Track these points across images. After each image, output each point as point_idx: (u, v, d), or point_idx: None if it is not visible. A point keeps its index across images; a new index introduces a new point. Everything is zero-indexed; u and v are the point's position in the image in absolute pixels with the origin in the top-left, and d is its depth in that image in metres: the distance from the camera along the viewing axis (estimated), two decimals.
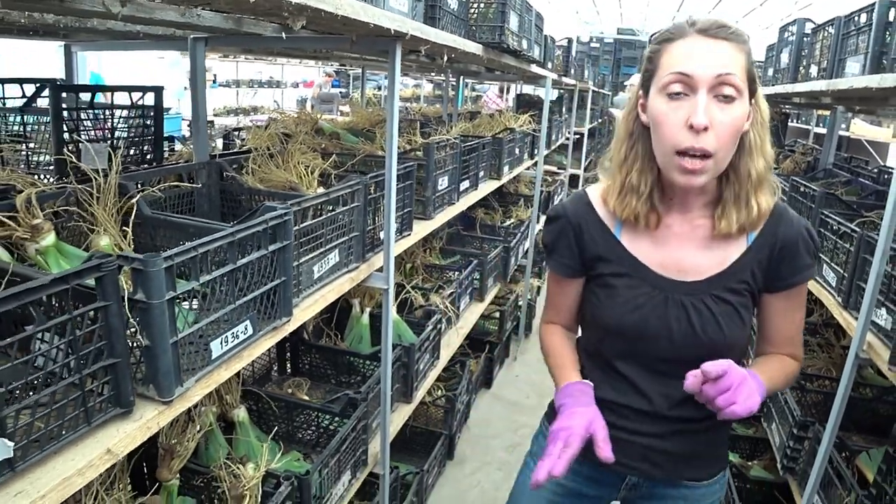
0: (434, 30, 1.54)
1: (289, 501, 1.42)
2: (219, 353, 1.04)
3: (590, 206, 1.17)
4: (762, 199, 1.07)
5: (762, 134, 1.07)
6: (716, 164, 1.00)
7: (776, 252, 1.10)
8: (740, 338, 1.10)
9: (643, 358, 1.14)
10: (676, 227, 1.12)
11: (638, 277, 1.12)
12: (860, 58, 2.17)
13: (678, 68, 0.98)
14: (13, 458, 0.75)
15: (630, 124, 1.12)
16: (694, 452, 1.19)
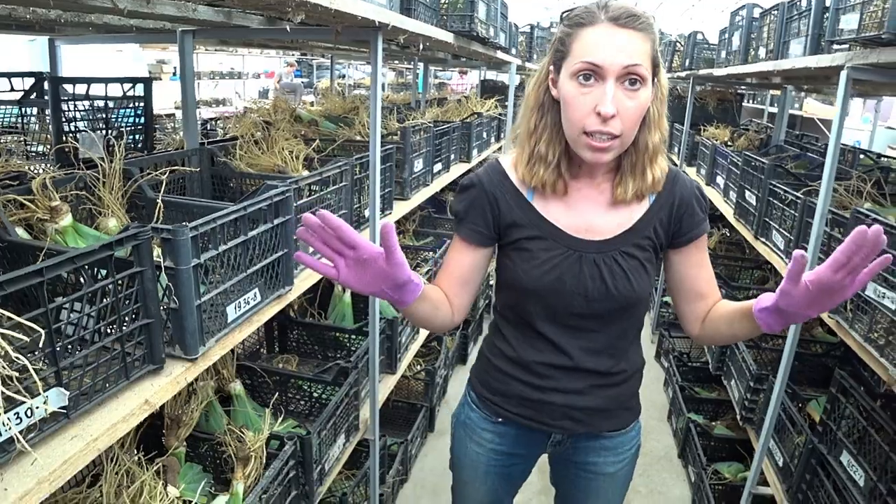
0: (412, 20, 1.65)
1: (292, 461, 1.54)
2: (233, 316, 1.16)
3: (503, 174, 1.20)
4: (657, 167, 1.15)
5: (660, 109, 1.13)
6: (622, 143, 1.06)
7: (675, 210, 1.18)
8: (646, 290, 1.18)
9: (560, 315, 1.18)
10: (584, 191, 1.18)
11: (552, 240, 1.17)
12: (802, 40, 2.35)
13: (588, 58, 1.02)
14: (67, 406, 0.86)
15: (540, 96, 1.15)
16: (609, 406, 1.26)
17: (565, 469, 1.39)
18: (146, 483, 1.26)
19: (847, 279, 0.89)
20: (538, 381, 1.23)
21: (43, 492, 0.78)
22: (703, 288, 1.22)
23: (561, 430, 1.28)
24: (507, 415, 1.29)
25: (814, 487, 1.76)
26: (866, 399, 1.56)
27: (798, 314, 0.98)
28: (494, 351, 1.30)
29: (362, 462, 2.33)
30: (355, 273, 0.98)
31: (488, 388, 1.31)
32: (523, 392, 1.25)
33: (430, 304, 1.15)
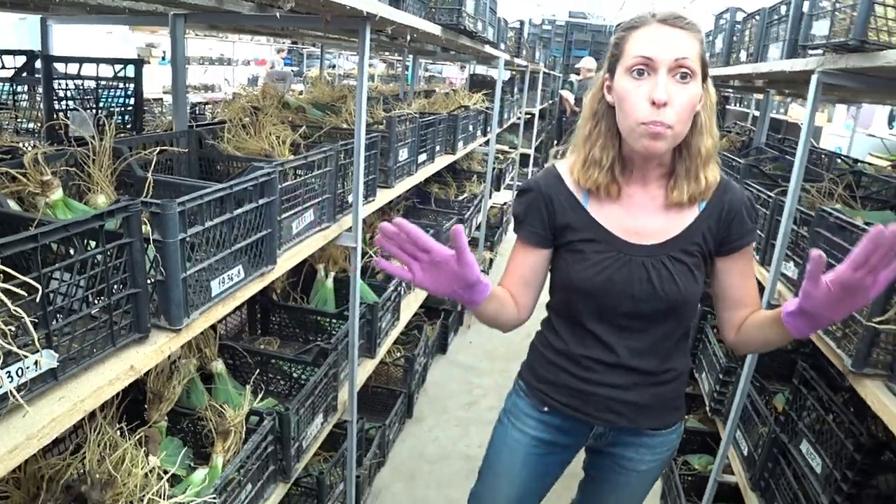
0: (400, 12, 1.69)
1: (270, 436, 1.58)
2: (217, 291, 1.20)
3: (559, 178, 1.28)
4: (710, 173, 1.21)
5: (710, 116, 1.20)
6: (674, 135, 1.11)
7: (724, 217, 1.23)
8: (694, 293, 1.23)
9: (608, 315, 1.25)
10: (637, 197, 1.24)
11: (604, 242, 1.23)
12: (780, 44, 2.42)
13: (642, 52, 1.10)
14: (56, 368, 0.90)
15: (595, 104, 1.23)
16: (653, 403, 1.31)
17: (600, 458, 1.44)
18: (128, 451, 1.30)
19: (868, 278, 0.91)
20: (585, 373, 1.30)
21: (31, 447, 0.82)
22: (745, 298, 1.27)
23: (604, 423, 1.33)
24: (554, 403, 1.35)
25: (775, 475, 1.83)
26: (825, 390, 1.64)
27: (823, 316, 1.01)
28: (545, 343, 1.37)
29: (340, 445, 2.38)
30: (430, 275, 1.06)
31: (536, 376, 1.38)
32: (570, 382, 1.32)
33: (497, 303, 1.23)
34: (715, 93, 1.21)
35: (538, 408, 1.38)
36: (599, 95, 1.22)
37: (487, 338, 4.27)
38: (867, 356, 1.30)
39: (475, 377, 3.78)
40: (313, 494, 2.14)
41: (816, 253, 0.93)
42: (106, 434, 1.35)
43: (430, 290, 1.09)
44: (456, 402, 3.48)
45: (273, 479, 1.63)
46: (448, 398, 3.52)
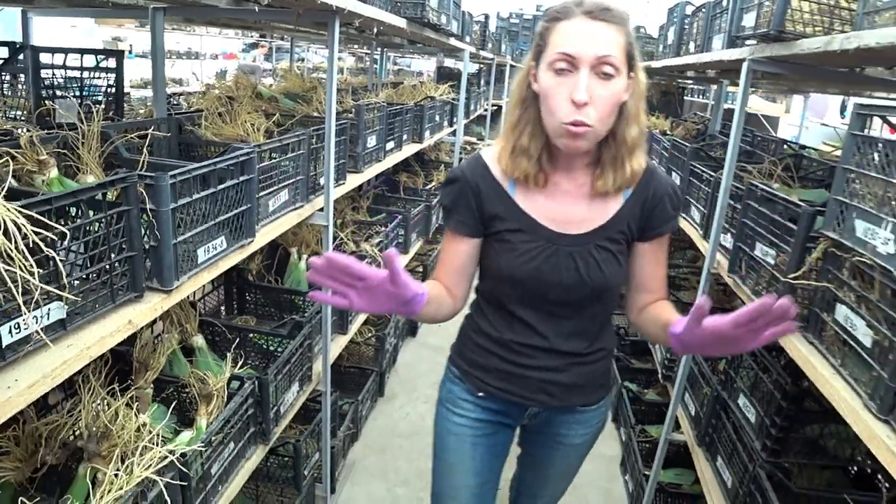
0: (366, 6, 1.82)
1: (251, 399, 1.70)
2: (203, 258, 1.32)
3: (486, 167, 1.26)
4: (636, 161, 1.21)
5: (639, 104, 1.19)
6: (595, 133, 1.12)
7: (648, 205, 1.24)
8: (619, 279, 1.27)
9: (537, 302, 1.26)
10: (563, 186, 1.24)
11: (531, 232, 1.23)
12: (722, 36, 2.59)
13: (563, 49, 1.08)
14: (64, 319, 1.01)
15: (523, 91, 1.21)
16: (583, 382, 1.35)
17: (535, 436, 1.48)
18: (120, 409, 1.41)
19: (748, 336, 0.94)
20: (517, 358, 1.31)
21: (45, 385, 0.94)
22: (653, 284, 1.31)
23: (538, 404, 1.36)
24: (488, 388, 1.36)
25: (718, 430, 2.00)
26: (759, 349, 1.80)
27: (697, 349, 1.08)
28: (476, 328, 1.38)
29: (313, 416, 2.50)
30: (367, 299, 1.03)
31: (469, 362, 1.39)
32: (502, 367, 1.33)
33: (435, 304, 1.24)
34: (645, 80, 1.20)
35: (473, 393, 1.39)
36: (526, 83, 1.21)
37: (456, 320, 4.40)
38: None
39: (445, 357, 3.91)
40: (290, 465, 2.26)
41: (703, 300, 0.95)
42: (99, 395, 1.46)
43: (370, 311, 1.07)
44: (426, 381, 3.62)
45: (253, 440, 1.75)
46: (418, 378, 3.66)
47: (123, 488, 1.17)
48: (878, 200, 1.18)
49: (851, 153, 1.30)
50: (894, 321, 1.08)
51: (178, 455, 1.28)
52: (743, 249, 1.77)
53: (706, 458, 2.02)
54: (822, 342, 1.35)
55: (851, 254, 1.25)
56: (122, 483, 1.18)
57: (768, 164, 2.47)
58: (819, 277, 1.39)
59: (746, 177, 2.23)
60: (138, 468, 1.21)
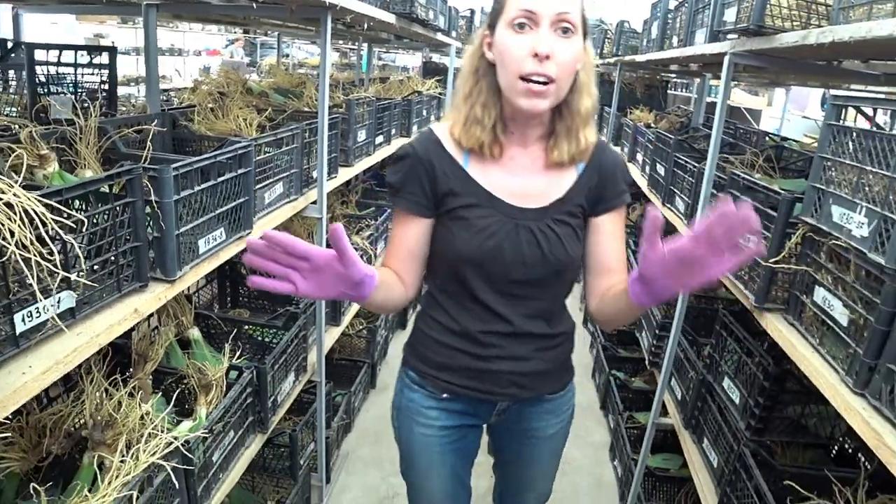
0: (357, 1, 1.85)
1: (249, 388, 1.74)
2: (204, 249, 1.35)
3: (438, 142, 1.21)
4: (588, 133, 1.21)
5: (589, 76, 1.20)
6: (557, 90, 1.10)
7: (601, 178, 1.23)
8: (578, 255, 1.24)
9: (499, 282, 1.20)
10: (519, 159, 1.21)
11: (489, 207, 1.18)
12: (704, 30, 2.65)
13: (524, 5, 1.08)
14: (73, 308, 1.04)
15: (476, 62, 1.19)
16: (551, 368, 1.32)
17: (509, 436, 1.41)
18: (123, 399, 1.44)
19: (710, 257, 0.86)
20: (483, 350, 1.25)
21: (58, 371, 0.97)
22: (612, 262, 1.25)
23: (508, 398, 1.30)
24: (454, 389, 1.28)
25: (703, 413, 2.06)
26: (741, 330, 1.87)
27: (660, 284, 0.96)
28: (433, 325, 1.29)
29: (307, 409, 2.53)
30: (313, 282, 0.95)
31: (430, 363, 1.30)
32: (469, 363, 1.26)
33: (385, 289, 1.15)
34: (594, 55, 1.22)
35: (436, 396, 1.31)
36: (479, 53, 1.19)
37: None
38: (767, 293, 1.53)
39: None
40: (286, 455, 2.30)
41: (653, 214, 0.89)
42: (101, 385, 1.49)
43: (316, 296, 0.99)
44: None
45: (252, 429, 1.79)
46: None
47: (130, 474, 1.20)
48: (853, 187, 1.24)
49: (827, 142, 1.35)
50: (868, 300, 1.14)
51: (182, 441, 1.32)
52: None
53: (693, 441, 2.08)
54: (802, 323, 1.41)
55: (828, 238, 1.31)
56: (129, 469, 1.21)
57: (750, 155, 2.54)
58: (798, 261, 1.45)
59: (729, 167, 2.29)
60: (144, 454, 1.25)
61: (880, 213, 1.12)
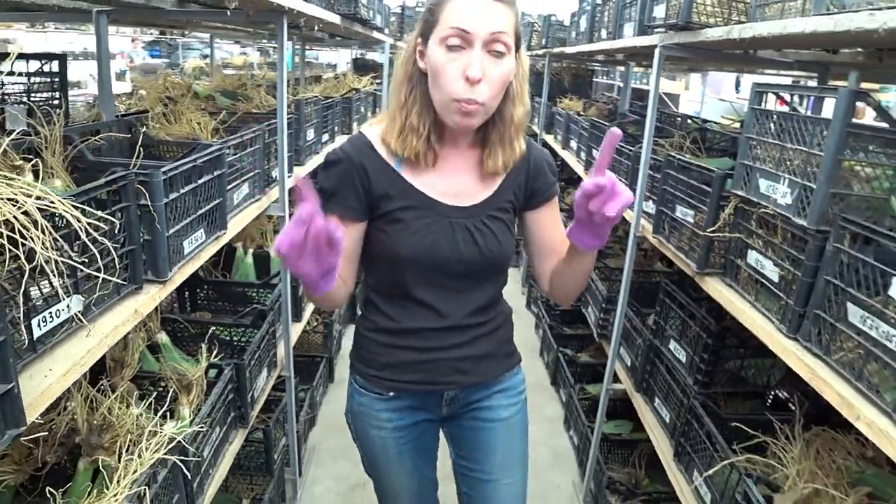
0: (310, 5, 1.91)
1: (230, 384, 1.79)
2: (188, 250, 1.40)
3: (370, 146, 1.22)
4: (521, 140, 1.25)
5: (523, 85, 1.21)
6: (486, 108, 1.13)
7: (530, 174, 1.29)
8: (511, 249, 1.30)
9: (437, 279, 1.23)
10: (451, 159, 1.24)
11: (424, 208, 1.20)
12: (633, 24, 2.83)
13: (457, 24, 1.06)
14: (82, 311, 1.09)
15: (409, 69, 1.18)
16: (492, 350, 1.35)
17: (460, 426, 1.42)
18: (114, 403, 1.47)
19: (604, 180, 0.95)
20: (424, 343, 1.28)
21: (77, 372, 1.02)
22: (556, 245, 1.32)
23: (453, 386, 1.33)
24: (399, 385, 1.32)
25: (653, 375, 2.24)
26: (682, 296, 2.05)
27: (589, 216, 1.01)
28: (374, 327, 1.32)
29: (274, 409, 2.58)
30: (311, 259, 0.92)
31: (374, 364, 1.33)
32: (412, 357, 1.29)
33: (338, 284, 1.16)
34: (528, 62, 1.24)
35: (384, 396, 1.33)
36: (412, 60, 1.18)
37: None
38: (706, 260, 1.70)
39: None
40: (258, 453, 2.35)
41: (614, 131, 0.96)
42: (88, 392, 1.51)
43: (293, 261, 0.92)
44: None
45: (234, 424, 1.84)
46: None
47: (138, 471, 1.25)
48: (776, 162, 1.42)
49: (752, 124, 1.53)
50: (794, 258, 1.32)
51: (181, 437, 1.37)
52: (665, 212, 2.00)
53: (645, 402, 2.26)
54: (738, 283, 1.59)
55: (757, 207, 1.48)
56: (136, 466, 1.26)
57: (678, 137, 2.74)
58: (732, 230, 1.62)
59: (660, 150, 2.48)
60: (148, 452, 1.29)
61: (801, 183, 1.30)
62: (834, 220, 1.20)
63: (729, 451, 1.57)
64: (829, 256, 1.20)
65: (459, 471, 1.48)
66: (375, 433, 1.36)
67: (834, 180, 1.23)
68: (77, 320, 1.06)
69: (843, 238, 1.17)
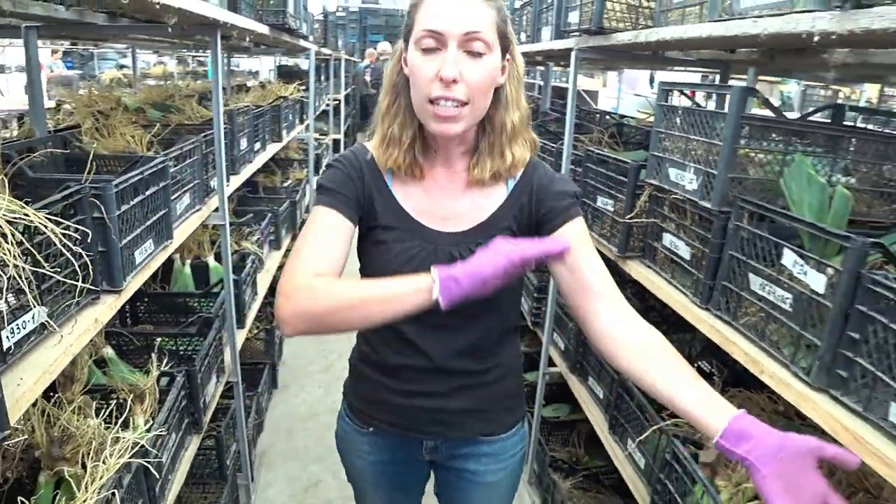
0: (243, 18, 1.97)
1: (183, 391, 1.82)
2: (140, 259, 1.45)
3: (368, 157, 1.18)
4: (517, 149, 1.13)
5: (517, 88, 1.13)
6: (472, 112, 1.05)
7: (534, 198, 1.15)
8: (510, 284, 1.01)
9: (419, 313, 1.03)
10: (441, 179, 1.16)
11: (407, 230, 1.13)
12: (550, 28, 2.99)
13: (430, 25, 1.02)
14: (45, 322, 1.13)
15: (394, 77, 1.14)
16: (480, 406, 1.23)
17: (446, 475, 1.35)
18: (72, 417, 1.49)
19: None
20: (403, 385, 1.20)
21: (47, 379, 1.06)
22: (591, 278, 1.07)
23: (433, 436, 1.25)
24: (377, 423, 1.26)
25: (585, 356, 2.39)
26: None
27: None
28: (361, 356, 1.28)
29: (222, 417, 2.60)
30: None
31: (357, 396, 1.30)
32: (390, 399, 1.22)
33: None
34: (523, 64, 1.16)
35: (363, 429, 1.29)
36: (398, 67, 1.13)
37: None
38: (626, 244, 1.86)
39: (326, 345, 4.09)
40: (213, 458, 2.37)
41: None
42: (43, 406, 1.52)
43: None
44: (314, 367, 3.79)
45: (189, 430, 1.87)
46: (307, 366, 3.82)
47: (104, 477, 1.29)
48: (683, 152, 1.58)
49: (661, 119, 1.69)
50: (703, 237, 1.48)
51: (144, 441, 1.41)
52: (587, 203, 2.16)
53: (580, 381, 2.41)
54: (656, 264, 1.75)
55: (669, 194, 1.65)
56: (103, 472, 1.29)
57: (597, 133, 2.92)
58: (648, 216, 1.78)
59: (580, 145, 2.65)
60: (113, 457, 1.33)
61: (704, 170, 1.46)
62: (734, 202, 1.37)
63: (658, 418, 1.72)
64: (732, 234, 1.37)
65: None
66: (355, 460, 1.34)
67: (732, 166, 1.40)
68: (48, 328, 1.11)
69: (742, 217, 1.34)
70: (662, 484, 1.60)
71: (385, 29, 11.71)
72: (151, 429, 1.58)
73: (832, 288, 1.09)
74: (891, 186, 1.52)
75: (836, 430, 1.05)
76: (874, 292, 1.01)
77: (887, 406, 0.99)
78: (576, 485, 2.55)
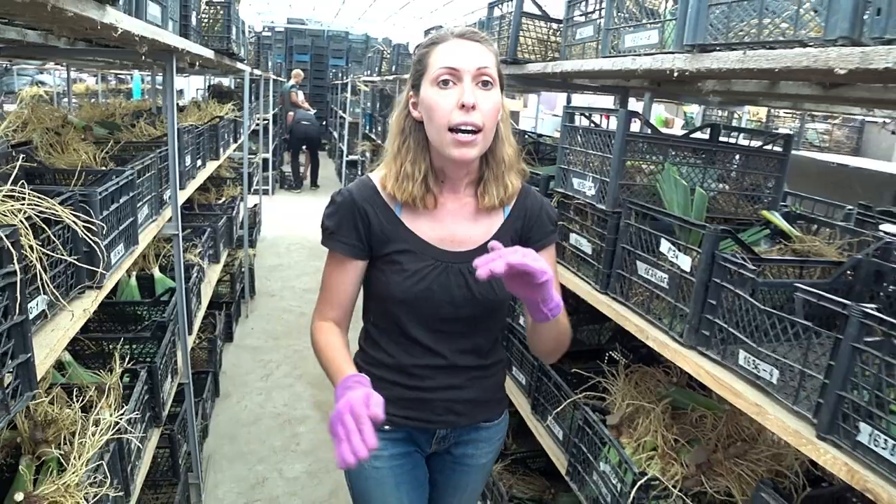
0: (196, 45, 2.16)
1: (146, 385, 1.98)
2: (115, 259, 1.62)
3: (374, 189, 1.31)
4: (514, 179, 1.32)
5: (507, 127, 1.32)
6: (484, 138, 1.20)
7: (527, 220, 1.35)
8: (505, 294, 1.31)
9: (430, 321, 1.29)
10: (449, 206, 1.30)
11: (420, 252, 1.27)
12: None
13: (447, 63, 1.18)
14: (45, 310, 1.30)
15: (402, 122, 1.29)
16: (485, 396, 1.42)
17: (441, 463, 1.49)
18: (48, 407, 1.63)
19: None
20: (419, 382, 1.34)
21: (53, 355, 1.24)
22: None
23: (445, 425, 1.39)
24: (395, 419, 1.34)
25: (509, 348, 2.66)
26: None
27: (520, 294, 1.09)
28: (370, 360, 1.39)
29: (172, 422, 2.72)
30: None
31: None
32: (405, 394, 1.34)
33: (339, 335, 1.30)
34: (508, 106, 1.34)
35: (381, 429, 1.34)
36: (405, 113, 1.29)
37: (266, 321, 4.77)
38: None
39: (264, 355, 4.25)
40: (167, 457, 2.49)
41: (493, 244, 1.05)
42: None
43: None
44: (254, 376, 3.94)
45: (151, 423, 2.03)
46: (246, 374, 3.95)
47: (90, 452, 1.45)
48: (583, 165, 1.89)
49: (565, 137, 2.00)
50: (601, 234, 1.79)
51: (123, 422, 1.57)
52: None
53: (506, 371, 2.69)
54: (566, 260, 2.05)
55: (573, 200, 1.95)
56: (89, 447, 1.46)
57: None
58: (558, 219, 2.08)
59: None
60: (96, 436, 1.50)
61: (600, 178, 1.77)
62: (624, 204, 1.68)
63: (572, 393, 2.01)
64: (623, 230, 1.68)
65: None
66: (373, 463, 1.37)
67: (621, 175, 1.71)
68: (40, 317, 1.28)
69: (630, 215, 1.65)
70: (577, 447, 1.88)
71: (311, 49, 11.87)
72: (124, 415, 1.74)
73: (695, 267, 1.40)
74: (753, 191, 1.87)
75: (701, 374, 1.35)
76: (725, 268, 1.33)
77: (737, 354, 1.30)
78: (505, 468, 2.81)
